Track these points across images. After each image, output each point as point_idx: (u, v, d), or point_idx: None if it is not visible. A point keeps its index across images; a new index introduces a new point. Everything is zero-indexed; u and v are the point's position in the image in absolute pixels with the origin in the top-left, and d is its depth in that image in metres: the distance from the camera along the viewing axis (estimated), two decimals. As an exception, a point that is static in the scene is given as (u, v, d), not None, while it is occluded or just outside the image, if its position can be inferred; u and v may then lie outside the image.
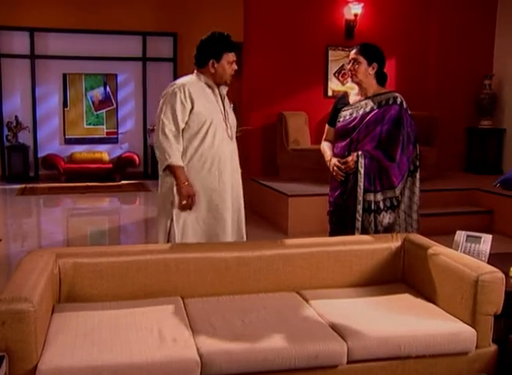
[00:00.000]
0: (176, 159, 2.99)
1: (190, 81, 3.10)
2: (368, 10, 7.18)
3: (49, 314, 2.41)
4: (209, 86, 3.11)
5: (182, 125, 3.01)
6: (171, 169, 3.01)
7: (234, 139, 3.23)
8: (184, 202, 3.00)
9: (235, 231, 3.16)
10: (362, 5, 7.10)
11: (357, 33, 7.11)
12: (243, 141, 7.31)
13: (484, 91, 7.49)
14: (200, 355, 2.15)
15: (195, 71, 3.16)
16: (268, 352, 2.20)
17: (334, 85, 7.28)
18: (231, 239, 3.13)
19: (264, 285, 2.80)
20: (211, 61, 3.06)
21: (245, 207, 3.28)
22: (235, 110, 3.45)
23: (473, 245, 3.11)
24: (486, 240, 3.11)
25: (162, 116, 3.00)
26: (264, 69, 7.05)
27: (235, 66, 3.13)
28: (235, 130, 3.24)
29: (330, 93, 7.23)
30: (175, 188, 3.02)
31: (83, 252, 2.72)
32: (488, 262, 3.02)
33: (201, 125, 3.03)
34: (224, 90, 3.19)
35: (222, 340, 2.25)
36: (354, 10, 7.10)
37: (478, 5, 7.60)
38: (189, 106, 3.00)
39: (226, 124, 3.13)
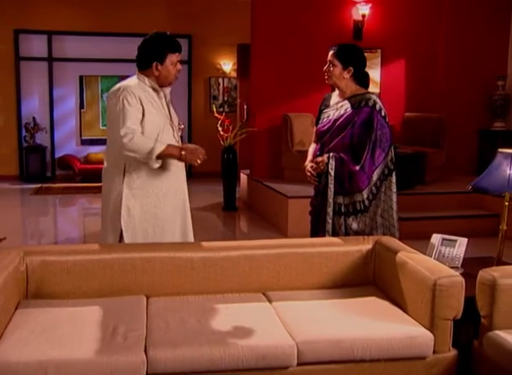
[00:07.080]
0: (157, 146, 2.82)
1: (137, 86, 2.94)
2: (376, 11, 7.09)
3: (11, 310, 2.47)
4: (154, 89, 3.00)
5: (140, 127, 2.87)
6: (162, 156, 2.85)
7: (180, 141, 3.11)
8: (198, 162, 2.88)
9: (181, 236, 3.10)
10: (370, 5, 7.03)
11: (365, 34, 7.02)
12: (249, 142, 7.36)
13: (497, 92, 7.32)
14: (147, 353, 2.18)
15: (137, 73, 3.02)
16: (216, 352, 2.20)
17: (341, 86, 7.21)
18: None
19: (231, 286, 2.80)
20: (155, 63, 2.94)
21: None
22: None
23: (448, 249, 3.06)
24: (461, 243, 3.05)
25: (122, 123, 2.81)
26: (271, 71, 7.04)
27: (179, 67, 3.03)
28: (179, 132, 3.14)
29: (337, 94, 7.18)
30: (124, 198, 2.90)
31: (51, 250, 2.79)
32: (462, 266, 2.98)
33: (153, 133, 2.90)
34: (167, 90, 3.09)
35: (171, 338, 2.27)
36: (362, 11, 7.03)
37: (491, 3, 7.43)
38: (140, 113, 2.87)
39: (173, 128, 3.05)
